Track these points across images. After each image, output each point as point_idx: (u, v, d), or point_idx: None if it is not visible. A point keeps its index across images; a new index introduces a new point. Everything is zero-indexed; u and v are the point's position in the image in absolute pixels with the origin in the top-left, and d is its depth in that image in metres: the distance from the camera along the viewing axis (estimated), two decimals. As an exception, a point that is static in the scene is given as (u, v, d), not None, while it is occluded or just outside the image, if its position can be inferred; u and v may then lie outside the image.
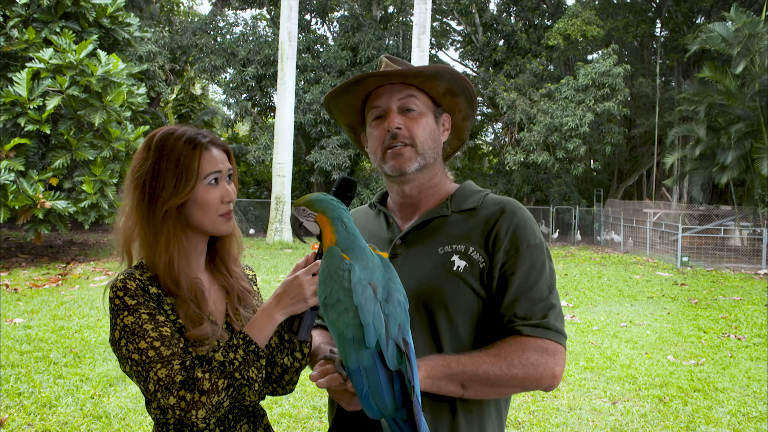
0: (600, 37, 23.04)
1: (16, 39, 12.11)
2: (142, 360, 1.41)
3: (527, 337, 1.41)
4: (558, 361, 1.42)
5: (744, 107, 17.87)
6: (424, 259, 1.51)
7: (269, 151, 21.73)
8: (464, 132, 1.68)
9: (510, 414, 4.94)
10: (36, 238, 12.07)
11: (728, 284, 13.01)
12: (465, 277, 1.47)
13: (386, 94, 1.55)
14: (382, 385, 1.20)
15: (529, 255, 1.48)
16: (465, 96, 1.59)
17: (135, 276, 1.52)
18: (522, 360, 1.39)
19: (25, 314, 7.94)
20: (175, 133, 1.56)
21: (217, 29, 25.49)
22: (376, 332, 1.22)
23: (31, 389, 5.12)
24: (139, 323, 1.44)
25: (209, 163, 1.55)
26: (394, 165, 1.55)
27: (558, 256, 18.41)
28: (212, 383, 1.39)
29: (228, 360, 1.42)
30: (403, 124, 1.53)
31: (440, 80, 1.54)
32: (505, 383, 1.39)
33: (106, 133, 12.34)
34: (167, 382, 1.39)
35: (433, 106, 1.59)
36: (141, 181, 1.54)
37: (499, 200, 1.57)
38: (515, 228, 1.49)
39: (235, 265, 1.71)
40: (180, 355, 1.43)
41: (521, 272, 1.46)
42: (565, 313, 9.02)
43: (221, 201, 1.56)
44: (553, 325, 1.44)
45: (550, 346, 1.42)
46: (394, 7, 25.90)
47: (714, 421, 4.90)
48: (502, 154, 24.89)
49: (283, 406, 4.93)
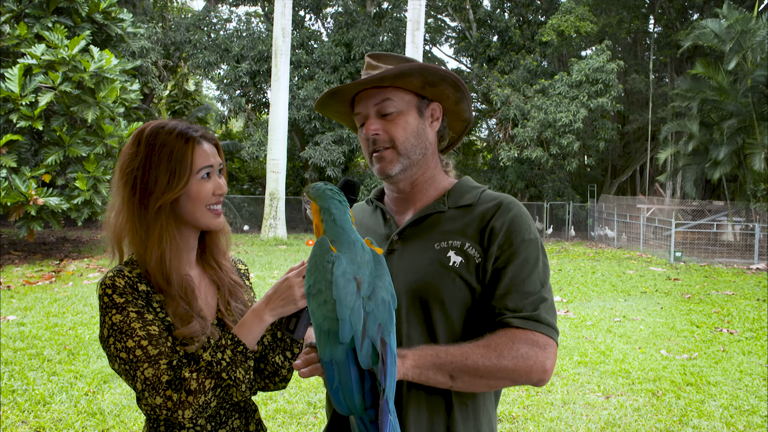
0: (593, 33, 23.06)
1: (7, 34, 12.03)
2: (130, 359, 1.41)
3: (518, 329, 1.41)
4: (549, 354, 1.41)
5: (736, 103, 17.95)
6: (420, 254, 1.52)
7: (263, 147, 21.66)
8: (463, 114, 1.66)
9: (504, 408, 4.96)
10: (29, 235, 12.01)
11: (721, 279, 13.08)
12: (461, 273, 1.48)
13: (364, 100, 1.56)
14: (353, 383, 1.18)
15: (524, 249, 1.48)
16: (447, 83, 1.56)
17: (124, 273, 1.51)
18: (512, 352, 1.38)
19: (18, 311, 7.91)
20: (165, 127, 1.56)
21: (210, 25, 25.38)
22: (352, 328, 1.19)
23: (25, 386, 5.11)
24: (127, 321, 1.44)
25: (201, 157, 1.55)
26: (378, 169, 1.57)
27: (552, 251, 18.46)
28: (199, 383, 1.39)
29: (216, 360, 1.42)
30: (380, 128, 1.53)
31: (411, 77, 1.52)
32: (495, 375, 1.38)
33: (99, 130, 12.28)
34: (153, 381, 1.39)
35: (416, 99, 1.57)
36: (132, 177, 1.53)
37: (496, 196, 1.58)
38: (510, 223, 1.50)
39: (224, 259, 1.71)
40: (167, 355, 1.43)
41: (514, 266, 1.46)
42: (558, 309, 9.11)
43: (213, 193, 1.56)
44: (544, 319, 1.43)
45: (540, 339, 1.41)
46: (389, 3, 25.86)
47: (706, 415, 4.93)
48: (496, 150, 24.91)
49: (278, 401, 4.93)
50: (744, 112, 17.85)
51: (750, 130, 17.83)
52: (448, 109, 1.64)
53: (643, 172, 26.88)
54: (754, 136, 17.59)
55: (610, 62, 21.45)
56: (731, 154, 18.06)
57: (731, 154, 18.07)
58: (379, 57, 1.59)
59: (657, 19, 26.12)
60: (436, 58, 29.84)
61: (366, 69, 1.59)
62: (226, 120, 26.89)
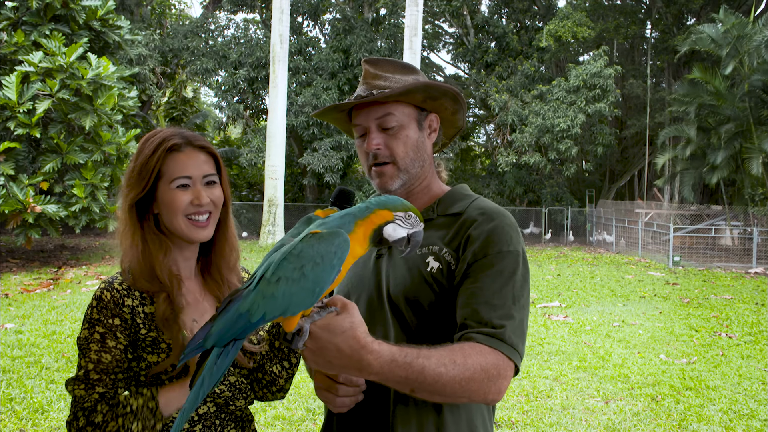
0: (591, 38, 23.14)
1: (5, 42, 12.04)
2: (78, 372, 1.47)
3: (480, 345, 1.33)
4: (506, 376, 1.34)
5: (733, 108, 18.00)
6: (403, 259, 1.52)
7: (261, 153, 21.68)
8: (458, 122, 1.67)
9: (503, 414, 4.95)
10: (26, 242, 11.98)
11: (719, 283, 13.08)
12: (437, 278, 1.47)
13: (364, 113, 1.55)
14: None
15: (499, 260, 1.43)
16: (448, 96, 1.57)
17: (114, 286, 1.52)
18: (468, 371, 1.29)
19: (16, 319, 7.88)
20: (156, 134, 1.57)
21: (208, 32, 25.43)
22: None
23: (23, 394, 5.09)
24: (88, 341, 1.48)
25: (176, 164, 1.54)
26: (378, 184, 1.57)
27: (550, 256, 18.46)
28: (104, 420, 1.41)
29: (125, 403, 1.43)
30: (382, 143, 1.53)
31: (415, 93, 1.53)
32: (448, 390, 1.29)
33: (96, 137, 12.27)
34: (78, 401, 1.44)
35: (416, 112, 1.57)
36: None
37: (485, 207, 1.54)
38: (490, 232, 1.46)
39: (231, 274, 1.67)
40: (106, 384, 1.45)
41: (485, 276, 1.41)
42: (557, 314, 9.11)
43: (191, 203, 1.53)
44: (508, 338, 1.36)
45: (500, 361, 1.33)
46: (386, 10, 25.93)
47: (706, 419, 4.93)
48: (494, 156, 24.94)
49: (277, 408, 4.92)
50: (741, 117, 17.89)
51: (747, 135, 17.87)
52: (444, 119, 1.65)
53: (641, 176, 26.90)
54: (751, 141, 17.63)
55: (608, 67, 21.51)
56: (729, 158, 18.09)
57: (729, 159, 18.11)
58: (377, 63, 1.59)
59: (654, 24, 26.20)
60: (433, 64, 29.89)
61: (364, 77, 1.59)
62: (225, 126, 26.90)
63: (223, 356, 1.19)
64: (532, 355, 6.81)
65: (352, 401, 1.46)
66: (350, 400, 1.46)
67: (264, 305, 1.16)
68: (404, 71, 1.58)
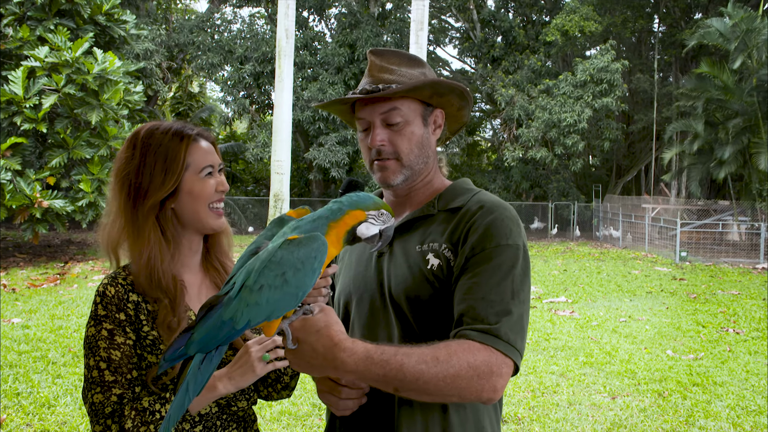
0: (598, 32, 22.99)
1: (10, 37, 12.07)
2: (90, 375, 1.43)
3: (474, 343, 1.30)
4: (502, 374, 1.29)
5: (741, 102, 17.87)
6: (404, 257, 1.51)
7: (267, 148, 21.67)
8: (463, 118, 1.65)
9: (510, 410, 4.94)
10: (33, 237, 12.03)
11: (726, 279, 13.02)
12: (437, 275, 1.45)
13: (369, 107, 1.52)
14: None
15: (497, 254, 1.39)
16: (455, 93, 1.55)
17: (118, 281, 1.50)
18: (461, 369, 1.26)
19: (23, 314, 7.92)
20: (160, 128, 1.55)
21: (214, 27, 25.40)
22: None
23: (30, 389, 5.11)
24: (96, 338, 1.45)
25: (201, 154, 1.54)
26: (380, 178, 1.55)
27: (557, 251, 18.42)
28: (134, 426, 1.39)
29: (152, 410, 1.41)
30: (386, 139, 1.51)
31: (422, 90, 1.51)
32: (438, 389, 1.26)
33: (103, 132, 12.30)
34: (98, 408, 1.40)
35: (422, 107, 1.55)
36: (127, 180, 1.53)
37: (484, 200, 1.51)
38: (488, 225, 1.42)
39: (227, 260, 1.70)
40: (122, 385, 1.43)
41: (483, 270, 1.37)
42: (564, 309, 9.10)
43: (216, 190, 1.55)
44: (504, 334, 1.31)
45: (495, 358, 1.29)
46: (392, 4, 25.84)
47: (713, 415, 4.90)
48: (500, 151, 24.87)
49: (283, 403, 4.92)
50: (749, 111, 17.77)
51: (755, 129, 17.75)
52: (449, 115, 1.63)
53: (648, 171, 26.76)
54: (759, 136, 17.52)
55: (615, 62, 21.38)
56: (736, 153, 17.97)
57: (736, 154, 17.99)
58: (383, 54, 1.56)
59: (661, 18, 26.02)
60: (440, 59, 29.81)
61: (370, 69, 1.56)
62: (230, 121, 26.93)
63: (206, 362, 1.20)
64: (539, 350, 6.80)
65: (355, 404, 1.45)
66: (353, 402, 1.45)
67: (248, 312, 1.18)
68: (411, 64, 1.56)
